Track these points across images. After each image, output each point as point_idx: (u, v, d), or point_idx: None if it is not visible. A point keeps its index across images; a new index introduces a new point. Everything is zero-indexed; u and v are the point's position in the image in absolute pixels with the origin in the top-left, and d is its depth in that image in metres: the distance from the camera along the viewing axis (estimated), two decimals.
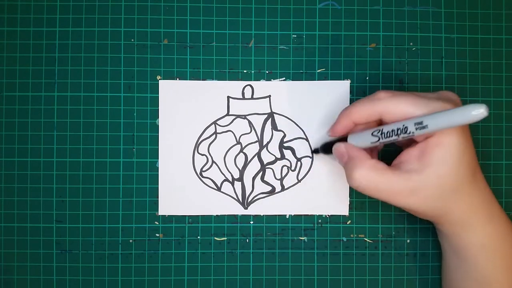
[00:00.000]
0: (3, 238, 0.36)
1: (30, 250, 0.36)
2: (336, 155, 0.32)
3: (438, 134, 0.28)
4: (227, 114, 0.37)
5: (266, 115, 0.37)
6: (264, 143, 0.37)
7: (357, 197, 0.37)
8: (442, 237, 0.33)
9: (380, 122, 0.31)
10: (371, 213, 0.37)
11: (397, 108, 0.28)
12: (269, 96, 0.37)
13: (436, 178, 0.28)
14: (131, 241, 0.36)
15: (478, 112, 0.23)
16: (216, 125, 0.37)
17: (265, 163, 0.37)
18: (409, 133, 0.27)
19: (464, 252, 0.31)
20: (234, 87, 0.37)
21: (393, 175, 0.28)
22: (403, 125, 0.27)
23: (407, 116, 0.28)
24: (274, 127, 0.37)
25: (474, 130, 0.37)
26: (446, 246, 0.33)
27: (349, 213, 0.37)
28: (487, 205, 0.30)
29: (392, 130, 0.28)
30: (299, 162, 0.37)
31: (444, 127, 0.26)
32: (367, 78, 0.37)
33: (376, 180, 0.29)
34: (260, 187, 0.37)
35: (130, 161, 0.36)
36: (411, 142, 0.30)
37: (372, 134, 0.29)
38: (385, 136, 0.29)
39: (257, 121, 0.37)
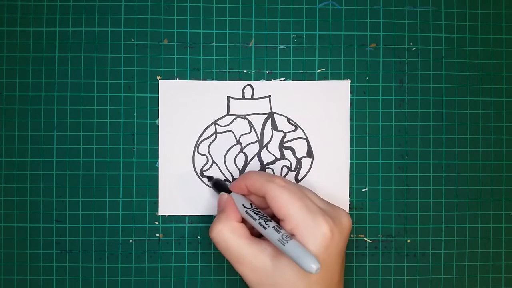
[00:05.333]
0: (3, 238, 0.36)
1: (30, 250, 0.36)
2: (217, 201, 0.33)
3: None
4: (227, 114, 0.37)
5: (266, 115, 0.37)
6: (264, 143, 0.37)
7: (357, 197, 0.37)
8: None
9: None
10: (371, 213, 0.37)
11: (278, 199, 0.29)
12: (269, 96, 0.37)
13: (278, 272, 0.28)
14: (131, 241, 0.36)
15: (308, 267, 0.26)
16: (216, 125, 0.37)
17: (265, 163, 0.37)
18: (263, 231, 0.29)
19: None
20: (234, 87, 0.37)
21: (247, 245, 0.30)
22: (263, 225, 0.29)
23: (280, 211, 0.29)
24: (274, 127, 0.37)
25: (475, 130, 0.37)
26: None
27: (349, 213, 0.37)
28: None
29: (254, 219, 0.30)
30: (299, 162, 0.37)
31: (290, 256, 0.27)
32: (367, 78, 0.37)
33: (229, 241, 0.30)
34: None
35: (130, 161, 0.36)
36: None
37: (243, 205, 0.31)
38: (250, 216, 0.30)
39: (257, 121, 0.37)
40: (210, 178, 0.36)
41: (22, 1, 0.36)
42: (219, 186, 0.34)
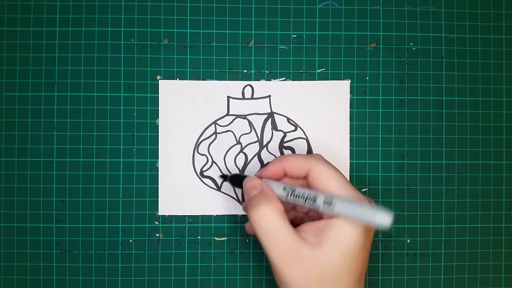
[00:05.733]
0: (3, 238, 0.36)
1: (30, 250, 0.36)
2: (247, 186, 0.30)
3: (344, 223, 0.27)
4: (227, 114, 0.37)
5: (266, 115, 0.37)
6: (264, 143, 0.37)
7: None
8: None
9: (307, 184, 0.30)
10: None
11: (324, 173, 0.28)
12: (269, 96, 0.37)
13: (322, 259, 0.27)
14: (131, 241, 0.36)
15: (383, 219, 0.24)
16: (216, 125, 0.37)
17: (265, 163, 0.37)
18: (316, 205, 0.27)
19: None
20: (234, 87, 0.37)
21: (293, 232, 0.27)
22: (314, 195, 0.28)
23: (327, 187, 0.28)
24: (274, 127, 0.37)
25: (475, 130, 0.37)
26: None
27: None
28: None
29: (303, 194, 0.28)
30: None
31: (347, 215, 0.26)
32: (367, 78, 0.37)
33: (276, 224, 0.27)
34: None
35: (130, 161, 0.36)
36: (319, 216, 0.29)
37: (283, 188, 0.29)
38: (294, 195, 0.28)
39: (257, 121, 0.37)
40: (225, 176, 0.33)
41: (22, 1, 0.36)
42: (237, 178, 0.32)
